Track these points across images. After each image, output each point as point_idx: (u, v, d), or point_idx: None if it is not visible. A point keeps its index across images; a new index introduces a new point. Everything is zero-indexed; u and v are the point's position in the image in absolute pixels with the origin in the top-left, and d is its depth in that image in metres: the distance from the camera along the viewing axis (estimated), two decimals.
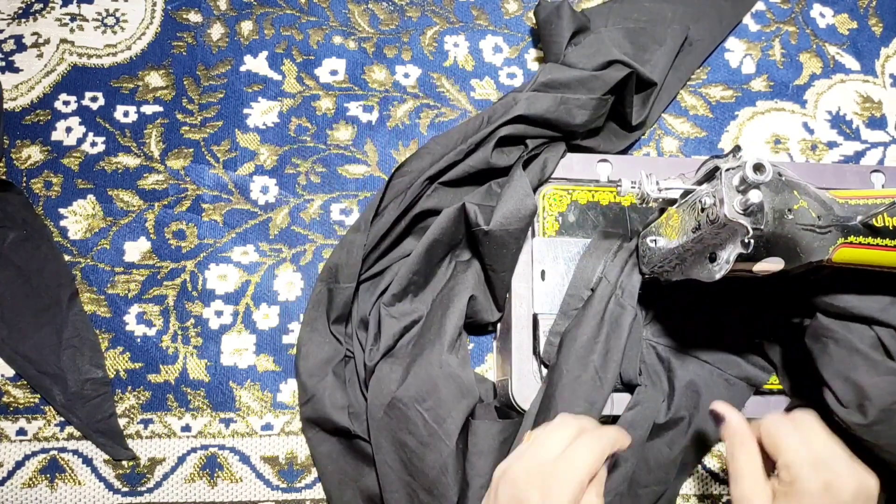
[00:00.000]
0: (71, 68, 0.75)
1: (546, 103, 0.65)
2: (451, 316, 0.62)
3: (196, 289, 0.68)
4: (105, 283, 0.68)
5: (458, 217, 0.63)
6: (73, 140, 0.73)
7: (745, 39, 0.80)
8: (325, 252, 0.70)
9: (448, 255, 0.66)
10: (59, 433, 0.64)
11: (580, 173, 0.67)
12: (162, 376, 0.66)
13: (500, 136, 0.65)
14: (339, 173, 0.73)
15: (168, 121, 0.74)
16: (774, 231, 0.44)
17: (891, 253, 0.49)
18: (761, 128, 0.76)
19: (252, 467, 0.64)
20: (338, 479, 0.62)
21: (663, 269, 0.55)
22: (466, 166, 0.65)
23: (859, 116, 0.77)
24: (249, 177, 0.72)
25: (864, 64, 0.79)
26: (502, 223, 0.61)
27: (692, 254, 0.50)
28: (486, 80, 0.77)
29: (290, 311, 0.68)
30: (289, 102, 0.75)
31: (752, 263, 0.46)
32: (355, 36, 0.78)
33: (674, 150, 0.75)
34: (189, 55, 0.76)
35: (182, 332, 0.67)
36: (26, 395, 0.65)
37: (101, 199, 0.71)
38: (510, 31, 0.79)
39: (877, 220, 0.48)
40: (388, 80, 0.76)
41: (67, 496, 0.63)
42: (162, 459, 0.64)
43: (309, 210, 0.71)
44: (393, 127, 0.75)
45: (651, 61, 0.72)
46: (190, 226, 0.70)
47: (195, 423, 0.65)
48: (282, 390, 0.66)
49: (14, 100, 0.74)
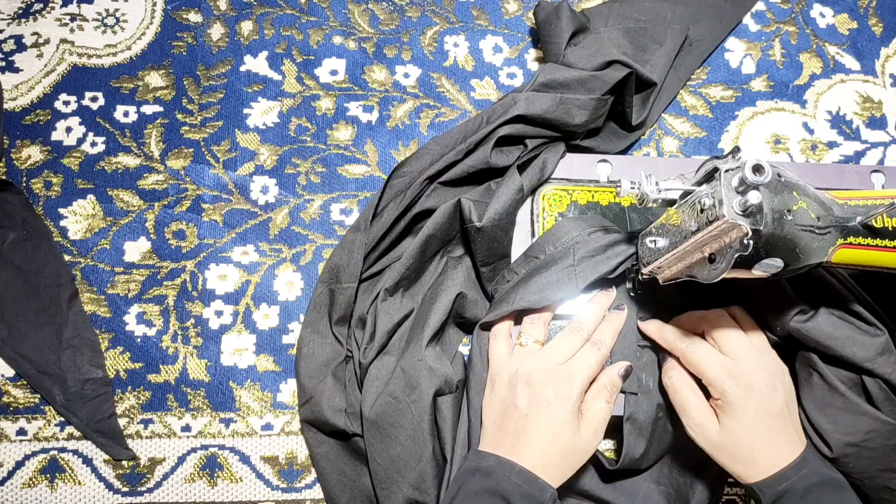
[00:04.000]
0: (71, 68, 0.75)
1: (545, 103, 0.65)
2: (435, 311, 0.63)
3: (196, 289, 0.68)
4: (105, 283, 0.68)
5: (454, 213, 0.64)
6: (73, 140, 0.73)
7: (745, 39, 0.80)
8: (325, 252, 0.70)
9: (440, 251, 0.67)
10: (59, 433, 0.64)
11: (580, 173, 0.67)
12: (162, 376, 0.66)
13: (500, 136, 0.65)
14: (339, 173, 0.73)
15: (168, 121, 0.74)
16: (774, 232, 0.44)
17: (890, 254, 0.49)
18: (761, 128, 0.76)
19: (252, 467, 0.64)
20: (336, 480, 0.62)
21: (662, 270, 0.55)
22: (466, 166, 0.66)
23: (859, 116, 0.77)
24: (249, 177, 0.72)
25: (864, 64, 0.79)
26: (494, 220, 0.62)
27: (691, 255, 0.50)
28: (486, 80, 0.77)
29: (290, 311, 0.68)
30: (289, 102, 0.75)
31: (751, 264, 0.46)
32: (355, 36, 0.78)
33: (674, 150, 0.75)
34: (189, 55, 0.76)
35: (182, 332, 0.67)
36: (26, 395, 0.65)
37: (101, 199, 0.71)
38: (510, 31, 0.79)
39: (876, 221, 0.48)
40: (388, 80, 0.76)
41: (67, 496, 0.63)
42: (162, 459, 0.64)
43: (309, 210, 0.71)
44: (393, 127, 0.74)
45: (651, 61, 0.72)
46: (190, 226, 0.70)
47: (195, 423, 0.65)
48: (282, 390, 0.66)
49: (14, 100, 0.74)
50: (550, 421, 0.52)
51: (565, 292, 0.58)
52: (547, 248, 0.61)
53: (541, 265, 0.60)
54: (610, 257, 0.59)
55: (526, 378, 0.54)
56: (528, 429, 0.52)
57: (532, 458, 0.51)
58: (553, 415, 0.52)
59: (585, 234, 0.60)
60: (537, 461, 0.51)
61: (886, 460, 0.53)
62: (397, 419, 0.59)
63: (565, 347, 0.56)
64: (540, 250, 0.61)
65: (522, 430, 0.52)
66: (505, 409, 0.54)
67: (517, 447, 0.52)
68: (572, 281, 0.58)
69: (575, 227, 0.61)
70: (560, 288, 0.58)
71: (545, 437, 0.52)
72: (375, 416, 0.59)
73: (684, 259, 0.51)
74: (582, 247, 0.60)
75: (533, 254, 0.62)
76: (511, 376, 0.55)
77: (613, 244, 0.60)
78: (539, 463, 0.51)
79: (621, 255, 0.59)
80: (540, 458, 0.51)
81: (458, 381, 0.62)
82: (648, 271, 0.56)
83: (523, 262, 0.62)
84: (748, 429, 0.51)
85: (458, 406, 0.61)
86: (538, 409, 0.52)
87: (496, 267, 0.64)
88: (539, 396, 0.53)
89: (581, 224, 0.61)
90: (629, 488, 0.60)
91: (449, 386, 0.61)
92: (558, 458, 0.52)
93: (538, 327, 0.59)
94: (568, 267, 0.59)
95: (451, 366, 0.62)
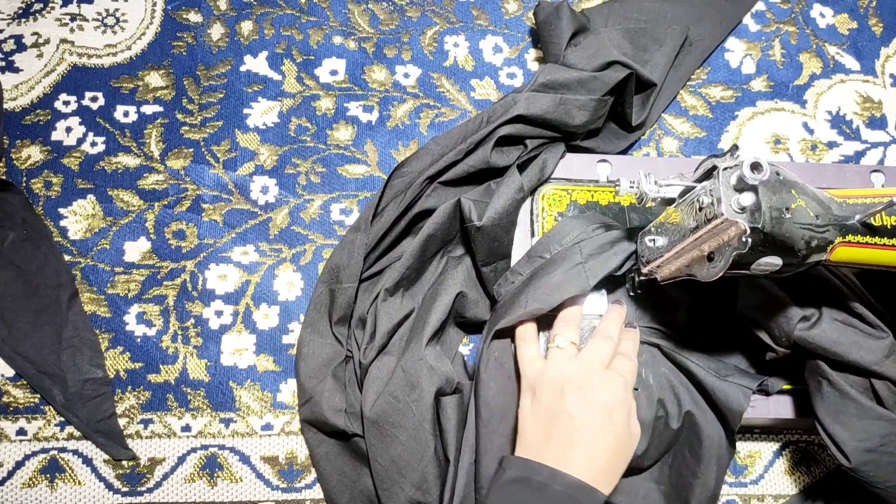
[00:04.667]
0: (71, 68, 0.76)
1: (545, 104, 0.65)
2: (435, 310, 0.62)
3: (196, 289, 0.69)
4: (105, 283, 0.68)
5: (454, 212, 0.64)
6: (73, 140, 0.73)
7: (745, 39, 0.80)
8: (325, 252, 0.70)
9: (441, 251, 0.67)
10: (59, 433, 0.64)
11: (580, 173, 0.67)
12: (162, 376, 0.66)
13: (500, 136, 0.65)
14: (339, 173, 0.73)
15: (168, 121, 0.74)
16: (772, 230, 0.44)
17: (889, 252, 0.49)
18: (761, 128, 0.76)
19: (252, 467, 0.64)
20: (337, 480, 0.62)
21: (661, 269, 0.55)
22: (466, 166, 0.66)
23: (859, 116, 0.77)
24: (249, 177, 0.72)
25: (864, 64, 0.79)
26: (493, 219, 0.62)
27: (690, 253, 0.50)
28: (486, 80, 0.77)
29: (290, 311, 0.68)
30: (289, 102, 0.75)
31: (749, 263, 0.46)
32: (355, 36, 0.78)
33: (674, 151, 0.75)
34: (189, 55, 0.76)
35: (182, 332, 0.67)
36: (26, 395, 0.65)
37: (101, 199, 0.71)
38: (510, 31, 0.79)
39: (875, 219, 0.48)
40: (388, 80, 0.76)
41: (67, 496, 0.63)
42: (162, 459, 0.64)
43: (309, 210, 0.71)
44: (393, 127, 0.75)
45: (651, 61, 0.72)
46: (190, 226, 0.70)
47: (195, 423, 0.65)
48: (282, 390, 0.66)
49: (14, 100, 0.74)
50: (611, 427, 0.50)
51: (576, 291, 0.57)
52: (552, 247, 0.60)
53: (547, 265, 0.59)
54: (616, 253, 0.59)
55: (578, 384, 0.51)
56: (584, 436, 0.50)
57: (585, 466, 0.49)
58: (613, 420, 0.50)
59: (589, 230, 0.60)
60: (592, 469, 0.49)
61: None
62: (398, 419, 0.59)
63: (603, 353, 0.54)
64: (544, 250, 0.61)
65: (577, 437, 0.50)
66: (554, 416, 0.51)
67: (568, 456, 0.49)
68: (582, 278, 0.57)
69: (577, 226, 0.61)
70: (571, 287, 0.57)
71: (605, 445, 0.49)
72: (376, 416, 0.59)
73: (683, 257, 0.51)
74: (588, 244, 0.59)
75: (537, 254, 0.61)
76: (556, 382, 0.52)
77: (618, 240, 0.60)
78: (594, 471, 0.49)
79: (626, 251, 0.59)
80: (595, 466, 0.49)
81: (458, 382, 0.62)
82: (648, 270, 0.56)
83: (527, 263, 0.61)
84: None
85: (462, 408, 0.60)
86: (595, 417, 0.50)
87: (497, 267, 0.64)
88: (594, 404, 0.50)
89: (583, 222, 0.61)
90: (629, 488, 0.60)
91: (450, 385, 0.61)
92: (617, 463, 0.50)
93: (572, 329, 0.56)
94: (577, 265, 0.58)
95: (451, 365, 0.62)
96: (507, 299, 0.60)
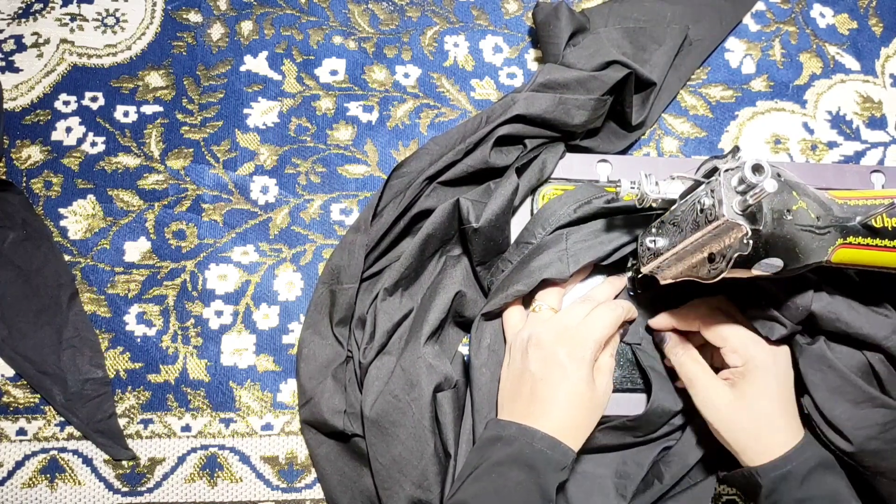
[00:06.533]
0: (71, 68, 0.76)
1: (544, 103, 0.65)
2: (434, 309, 0.63)
3: (196, 289, 0.69)
4: (105, 283, 0.68)
5: (453, 212, 0.64)
6: (73, 140, 0.73)
7: (745, 39, 0.80)
8: (325, 252, 0.70)
9: (439, 250, 0.67)
10: (59, 433, 0.64)
11: (580, 173, 0.67)
12: (162, 376, 0.66)
13: (499, 136, 0.65)
14: (339, 173, 0.73)
15: (168, 121, 0.74)
16: (773, 231, 0.44)
17: (890, 253, 0.49)
18: (761, 128, 0.76)
19: (252, 467, 0.64)
20: (337, 481, 0.62)
21: (662, 270, 0.55)
22: (465, 166, 0.66)
23: (859, 116, 0.77)
24: (249, 177, 0.72)
25: (864, 64, 0.79)
26: (490, 220, 0.62)
27: (691, 254, 0.50)
28: (486, 80, 0.77)
29: (290, 311, 0.68)
30: (289, 102, 0.75)
31: (750, 264, 0.46)
32: (355, 36, 0.78)
33: (674, 151, 0.75)
34: (189, 55, 0.76)
35: (182, 332, 0.67)
36: (26, 395, 0.65)
37: (101, 199, 0.71)
38: (510, 31, 0.79)
39: (876, 221, 0.48)
40: (388, 80, 0.76)
41: (67, 496, 0.63)
42: (162, 459, 0.64)
43: (309, 210, 0.71)
44: (393, 127, 0.75)
45: (650, 61, 0.72)
46: (190, 226, 0.70)
47: (195, 423, 0.65)
48: (282, 390, 0.66)
49: (14, 100, 0.74)
50: (566, 382, 0.51)
51: (555, 274, 0.58)
52: (536, 230, 0.61)
53: (534, 251, 0.61)
54: (604, 242, 0.59)
55: (537, 342, 0.53)
56: (545, 392, 0.52)
57: (551, 422, 0.51)
58: (568, 376, 0.51)
59: (570, 210, 0.61)
60: (557, 425, 0.51)
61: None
62: (398, 418, 0.59)
63: (576, 312, 0.55)
64: (530, 235, 0.62)
65: (539, 394, 0.52)
66: (520, 375, 0.54)
67: (535, 412, 0.51)
68: (564, 263, 0.59)
69: (561, 206, 0.61)
70: (550, 269, 0.58)
71: (563, 400, 0.51)
72: (376, 415, 0.59)
73: (684, 259, 0.51)
74: (574, 233, 0.60)
75: (524, 240, 0.62)
76: (523, 342, 0.55)
77: (606, 230, 0.60)
78: (559, 426, 0.51)
79: (615, 242, 0.59)
80: (559, 422, 0.51)
81: (457, 380, 0.62)
82: (648, 271, 0.56)
83: (516, 251, 0.62)
84: (764, 400, 0.51)
85: (458, 401, 0.61)
86: (552, 372, 0.52)
87: (492, 265, 0.65)
88: (551, 359, 0.52)
89: (566, 200, 0.61)
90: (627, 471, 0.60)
91: (449, 383, 0.61)
92: (579, 419, 0.52)
93: (552, 296, 0.58)
94: (560, 251, 0.59)
95: (450, 364, 0.62)
96: (497, 286, 0.62)
